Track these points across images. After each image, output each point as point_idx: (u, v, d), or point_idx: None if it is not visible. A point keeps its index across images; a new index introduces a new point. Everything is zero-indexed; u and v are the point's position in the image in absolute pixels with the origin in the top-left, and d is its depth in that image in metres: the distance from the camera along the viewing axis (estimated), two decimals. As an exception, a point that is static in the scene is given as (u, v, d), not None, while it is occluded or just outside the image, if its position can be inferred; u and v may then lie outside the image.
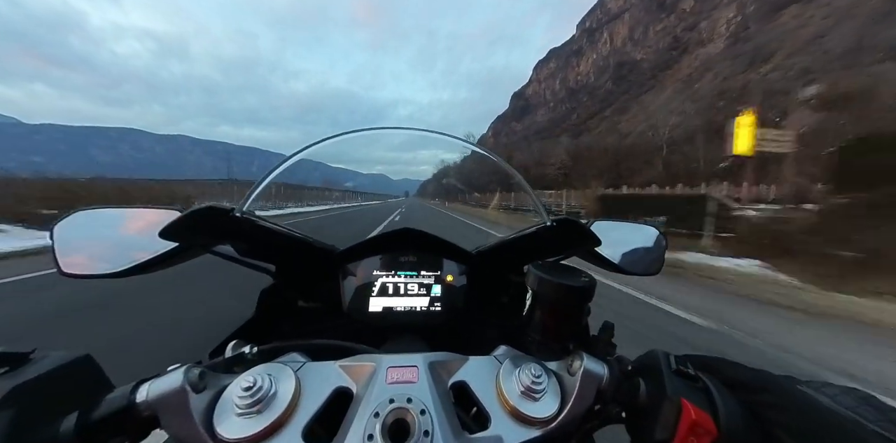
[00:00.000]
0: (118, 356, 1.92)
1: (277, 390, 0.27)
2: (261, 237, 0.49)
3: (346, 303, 0.56)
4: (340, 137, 0.57)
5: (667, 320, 2.96)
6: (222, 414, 0.26)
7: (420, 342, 0.53)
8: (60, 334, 2.39)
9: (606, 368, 0.32)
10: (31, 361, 0.26)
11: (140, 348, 2.15)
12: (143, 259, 0.41)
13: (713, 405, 0.27)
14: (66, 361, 0.27)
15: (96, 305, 2.95)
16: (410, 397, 0.28)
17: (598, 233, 0.44)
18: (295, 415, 0.27)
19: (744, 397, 0.28)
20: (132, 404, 0.26)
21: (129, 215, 0.46)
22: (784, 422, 0.25)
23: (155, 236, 0.35)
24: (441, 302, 0.58)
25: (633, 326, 2.76)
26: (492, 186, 35.12)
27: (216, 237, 0.47)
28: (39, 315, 2.76)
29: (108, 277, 0.41)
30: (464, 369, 0.33)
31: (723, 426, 0.26)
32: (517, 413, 0.29)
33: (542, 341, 0.41)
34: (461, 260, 0.61)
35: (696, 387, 0.29)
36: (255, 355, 0.33)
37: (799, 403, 0.26)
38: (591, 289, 0.38)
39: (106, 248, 0.45)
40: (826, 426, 0.24)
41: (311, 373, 0.31)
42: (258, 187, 0.49)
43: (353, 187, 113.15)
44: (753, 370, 0.31)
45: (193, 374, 0.27)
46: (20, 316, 2.76)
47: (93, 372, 0.29)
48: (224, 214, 0.38)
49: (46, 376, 0.25)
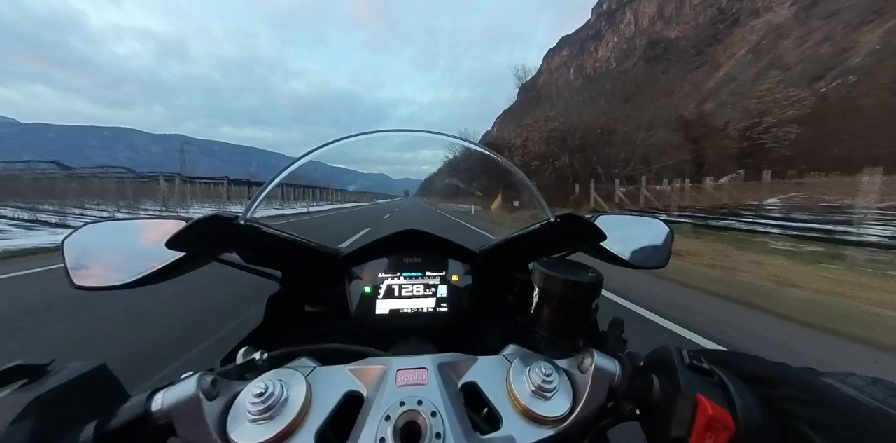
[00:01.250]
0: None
1: (289, 395, 0.28)
2: (266, 244, 0.50)
3: (352, 306, 0.55)
4: (336, 144, 0.57)
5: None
6: (235, 421, 0.26)
7: (428, 344, 0.53)
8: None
9: (618, 364, 0.32)
10: (49, 372, 0.27)
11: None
12: (152, 270, 0.42)
13: (730, 400, 0.26)
14: (83, 371, 0.28)
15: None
16: (421, 399, 0.28)
17: (602, 227, 0.44)
18: (307, 420, 0.27)
19: (763, 391, 0.27)
20: (148, 412, 0.26)
21: (136, 227, 0.47)
22: (807, 416, 0.24)
23: (162, 247, 0.35)
24: (447, 302, 0.57)
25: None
26: (493, 184, 26.74)
27: (222, 245, 0.47)
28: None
29: (120, 288, 0.42)
30: (473, 370, 0.33)
31: (741, 422, 0.25)
32: (529, 413, 0.29)
33: (551, 339, 0.40)
34: (466, 260, 0.60)
35: (711, 382, 0.28)
36: (265, 361, 0.33)
37: (822, 395, 0.25)
38: (598, 284, 0.38)
39: (115, 260, 0.45)
40: (852, 419, 0.23)
41: (321, 377, 0.31)
42: (261, 195, 0.49)
43: (327, 183, 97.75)
44: (771, 364, 0.30)
45: (206, 381, 0.27)
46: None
47: (109, 382, 0.30)
48: (228, 222, 0.39)
49: (64, 387, 0.26)
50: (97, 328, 2.47)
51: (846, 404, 0.24)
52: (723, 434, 0.25)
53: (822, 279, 4.42)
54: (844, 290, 3.92)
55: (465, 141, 0.71)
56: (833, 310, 3.26)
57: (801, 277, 4.55)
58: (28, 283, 3.76)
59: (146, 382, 1.86)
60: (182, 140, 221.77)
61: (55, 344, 2.23)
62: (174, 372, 0.50)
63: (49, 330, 2.44)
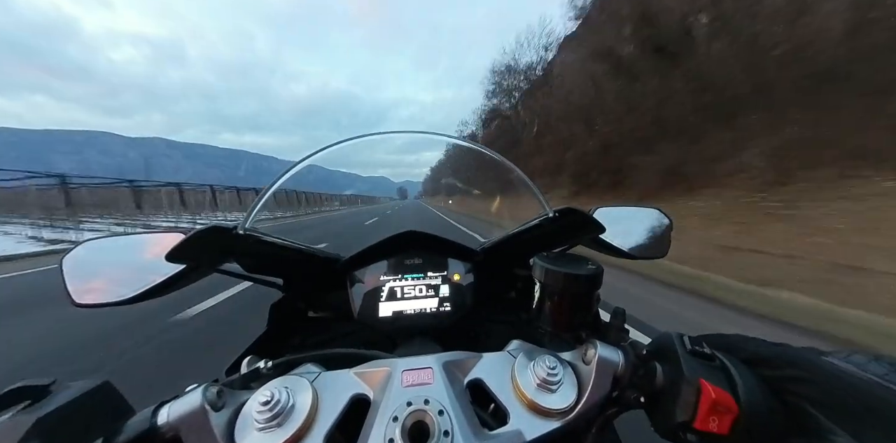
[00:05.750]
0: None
1: (295, 402, 0.28)
2: (266, 252, 0.50)
3: (355, 310, 0.56)
4: (334, 147, 0.57)
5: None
6: (243, 430, 0.27)
7: (432, 343, 0.53)
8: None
9: (621, 354, 0.32)
10: (52, 392, 0.27)
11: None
12: (152, 284, 0.41)
13: (732, 383, 0.27)
14: (86, 390, 0.28)
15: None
16: (427, 398, 0.28)
17: (601, 219, 0.44)
18: (315, 425, 0.27)
19: (766, 372, 0.28)
20: (154, 426, 0.26)
21: (134, 242, 0.47)
22: (810, 395, 0.25)
23: (162, 260, 0.35)
24: (450, 302, 0.57)
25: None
26: (490, 183, 25.51)
27: (222, 256, 0.47)
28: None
29: (121, 304, 0.42)
30: (478, 367, 0.33)
31: (744, 404, 0.26)
32: (535, 406, 0.29)
33: (554, 333, 0.40)
34: (466, 258, 0.61)
35: (713, 366, 0.29)
36: (270, 369, 0.33)
37: (824, 374, 0.25)
38: (598, 276, 0.38)
39: (115, 276, 0.45)
40: (855, 396, 0.23)
41: (327, 383, 0.31)
42: (259, 203, 0.49)
43: (308, 188, 67.56)
44: (773, 345, 0.30)
45: (212, 392, 0.28)
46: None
47: (113, 398, 0.30)
48: (227, 232, 0.39)
49: (68, 406, 0.26)
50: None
51: (848, 383, 0.24)
52: (726, 417, 0.25)
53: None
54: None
55: (464, 141, 0.71)
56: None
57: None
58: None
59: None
60: (162, 143, 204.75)
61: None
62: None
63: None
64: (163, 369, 1.98)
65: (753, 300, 3.04)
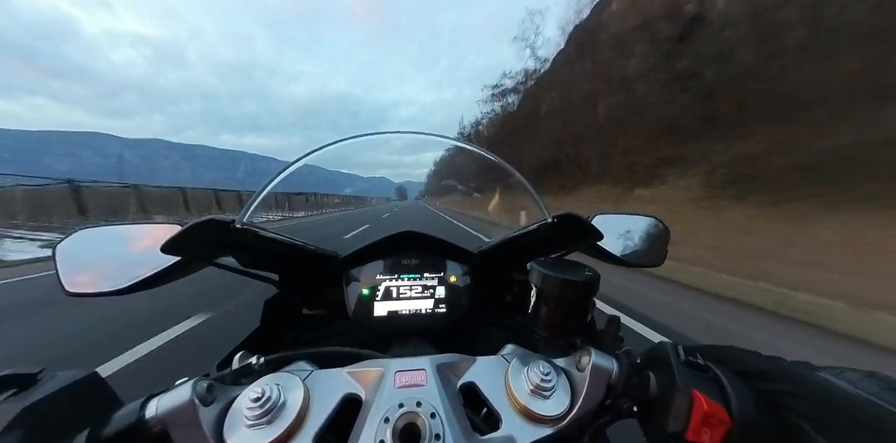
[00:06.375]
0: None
1: (286, 399, 0.27)
2: (262, 247, 0.50)
3: (350, 309, 0.55)
4: (333, 146, 0.56)
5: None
6: (232, 426, 0.26)
7: (426, 345, 0.52)
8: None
9: (615, 362, 0.32)
10: (40, 381, 0.27)
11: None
12: (146, 275, 0.41)
13: (725, 395, 0.27)
14: (74, 380, 0.27)
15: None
16: (420, 400, 0.28)
17: (599, 226, 0.44)
18: (305, 424, 0.27)
19: (759, 385, 0.28)
20: (142, 419, 0.26)
21: (130, 232, 0.46)
22: (803, 410, 0.25)
23: (156, 252, 0.35)
24: (445, 303, 0.57)
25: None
26: (489, 184, 25.19)
27: (218, 250, 0.47)
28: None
29: (114, 294, 0.42)
30: (472, 370, 0.33)
31: (736, 416, 0.26)
32: (528, 412, 0.29)
33: (549, 338, 0.40)
34: (464, 260, 0.60)
35: (706, 378, 0.29)
36: (262, 365, 0.33)
37: (817, 389, 0.25)
38: (594, 283, 0.38)
39: (109, 265, 0.45)
40: (847, 412, 0.23)
41: (319, 381, 0.31)
42: (257, 198, 0.49)
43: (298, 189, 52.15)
44: (767, 358, 0.31)
45: (202, 387, 0.27)
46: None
47: (101, 390, 0.29)
48: (224, 226, 0.38)
49: (55, 395, 0.26)
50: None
51: (840, 398, 0.24)
52: (718, 429, 0.25)
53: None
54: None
55: (462, 143, 0.72)
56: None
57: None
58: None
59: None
60: (161, 144, 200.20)
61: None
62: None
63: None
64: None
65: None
